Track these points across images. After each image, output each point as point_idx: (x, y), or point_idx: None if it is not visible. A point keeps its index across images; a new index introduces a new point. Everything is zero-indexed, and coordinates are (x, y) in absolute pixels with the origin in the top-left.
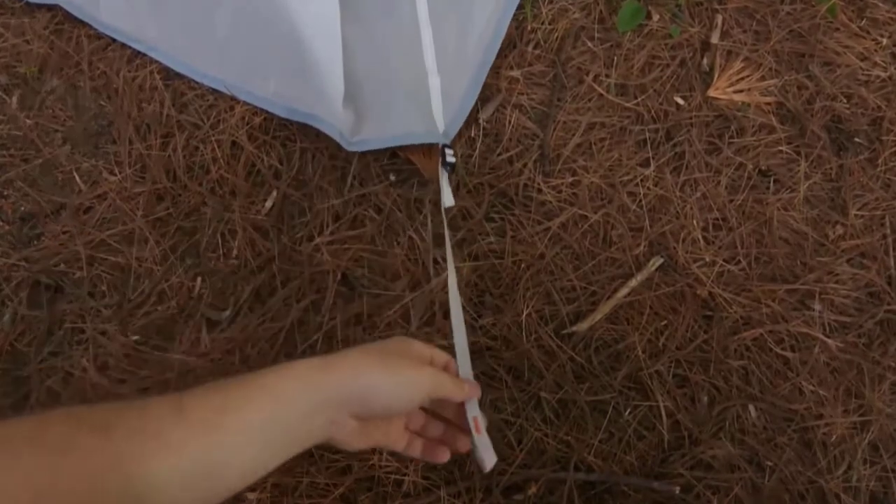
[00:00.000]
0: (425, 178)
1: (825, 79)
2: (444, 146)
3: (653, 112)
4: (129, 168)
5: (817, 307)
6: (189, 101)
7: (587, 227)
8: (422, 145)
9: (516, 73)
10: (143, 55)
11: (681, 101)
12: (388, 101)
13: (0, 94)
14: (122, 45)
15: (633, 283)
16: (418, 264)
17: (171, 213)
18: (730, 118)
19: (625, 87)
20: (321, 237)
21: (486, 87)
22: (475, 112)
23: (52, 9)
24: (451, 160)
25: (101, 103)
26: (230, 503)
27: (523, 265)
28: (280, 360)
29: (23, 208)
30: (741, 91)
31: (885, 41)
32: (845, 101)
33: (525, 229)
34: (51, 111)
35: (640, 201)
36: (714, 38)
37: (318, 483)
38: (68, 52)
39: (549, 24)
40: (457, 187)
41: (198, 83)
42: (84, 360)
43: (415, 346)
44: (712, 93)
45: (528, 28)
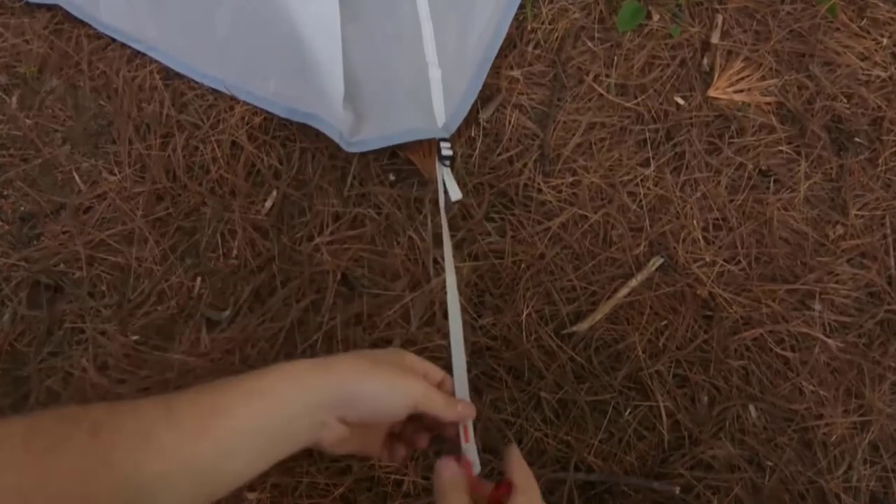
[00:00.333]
0: (425, 178)
1: (825, 79)
2: (440, 140)
3: (653, 112)
4: (129, 168)
5: (817, 307)
6: (189, 101)
7: (587, 227)
8: (421, 145)
9: (516, 73)
10: (143, 55)
11: (681, 101)
12: (387, 101)
13: (0, 94)
14: (122, 45)
15: (634, 283)
16: (418, 264)
17: (171, 213)
18: (730, 118)
19: (625, 87)
20: (321, 237)
21: (487, 87)
22: (475, 112)
23: (51, 9)
24: (447, 153)
25: (101, 103)
26: (230, 503)
27: (523, 265)
28: (280, 360)
29: (22, 208)
30: (741, 91)
31: (885, 41)
32: (845, 101)
33: (525, 229)
34: (50, 111)
35: (641, 201)
36: (714, 38)
37: (318, 483)
38: (68, 52)
39: (550, 23)
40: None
41: (198, 83)
42: (84, 359)
43: (408, 358)
44: (712, 93)
45: (529, 28)
